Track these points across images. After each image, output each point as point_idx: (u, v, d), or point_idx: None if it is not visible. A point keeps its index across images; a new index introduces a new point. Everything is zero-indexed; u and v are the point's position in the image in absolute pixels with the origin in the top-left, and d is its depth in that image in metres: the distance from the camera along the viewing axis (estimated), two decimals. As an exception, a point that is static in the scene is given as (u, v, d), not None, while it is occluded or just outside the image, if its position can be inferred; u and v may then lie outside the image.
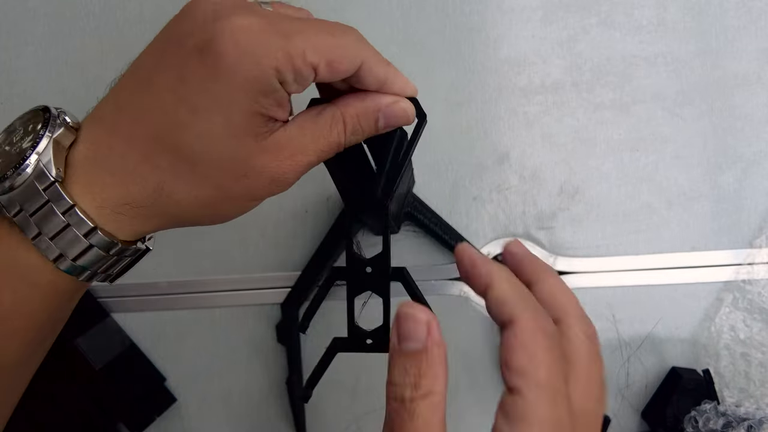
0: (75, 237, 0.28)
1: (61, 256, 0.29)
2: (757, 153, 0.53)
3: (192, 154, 0.28)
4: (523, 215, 0.54)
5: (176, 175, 0.29)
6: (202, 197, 0.29)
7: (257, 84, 0.27)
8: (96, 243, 0.29)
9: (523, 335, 0.26)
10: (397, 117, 0.32)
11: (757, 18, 0.53)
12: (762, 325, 0.52)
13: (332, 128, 0.31)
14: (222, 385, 0.54)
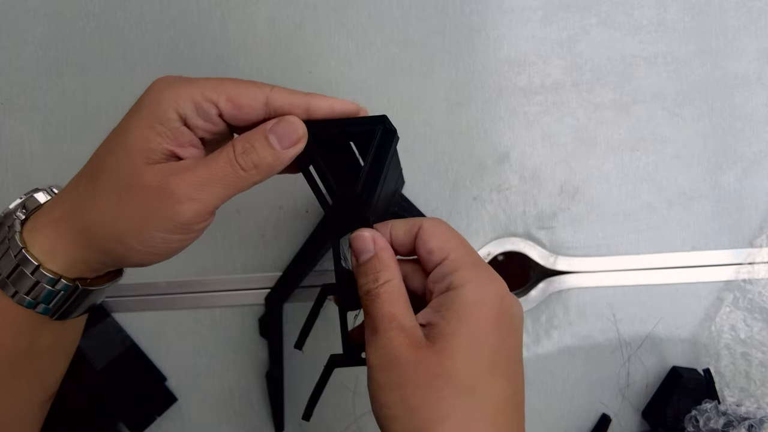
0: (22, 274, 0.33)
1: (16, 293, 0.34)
2: (757, 153, 0.53)
3: (97, 168, 0.33)
4: (524, 215, 0.54)
5: (86, 192, 0.33)
6: (102, 216, 0.33)
7: (155, 113, 0.32)
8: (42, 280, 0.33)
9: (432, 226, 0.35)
10: (285, 132, 0.34)
11: (757, 18, 0.53)
12: (762, 324, 0.52)
13: (221, 153, 0.33)
14: (222, 384, 0.54)
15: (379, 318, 0.32)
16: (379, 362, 0.31)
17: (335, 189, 0.35)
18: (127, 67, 0.54)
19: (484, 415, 0.31)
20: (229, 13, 0.54)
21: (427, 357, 0.31)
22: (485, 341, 0.32)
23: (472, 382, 0.31)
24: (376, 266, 0.34)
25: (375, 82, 0.53)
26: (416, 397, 0.30)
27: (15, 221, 0.35)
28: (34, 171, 0.54)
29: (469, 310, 0.32)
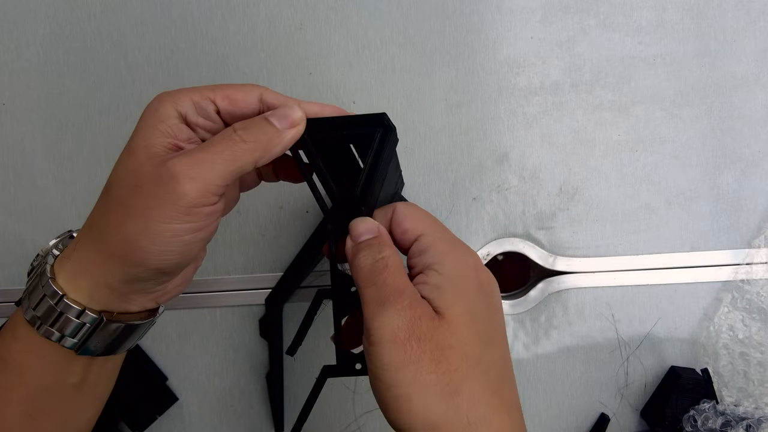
0: (48, 305, 0.33)
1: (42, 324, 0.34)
2: (755, 153, 0.53)
3: (108, 184, 0.34)
4: (523, 215, 0.54)
5: (101, 207, 0.34)
6: (111, 219, 0.32)
7: (156, 114, 0.33)
8: (64, 310, 0.33)
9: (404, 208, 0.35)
10: (284, 114, 0.34)
11: (755, 19, 0.53)
12: (761, 324, 0.52)
13: (220, 133, 0.33)
14: (223, 384, 0.54)
15: (392, 287, 0.31)
16: (392, 337, 0.29)
17: (335, 191, 0.35)
18: (128, 67, 0.54)
19: (490, 385, 0.31)
20: (230, 14, 0.54)
21: (439, 328, 0.30)
22: (477, 313, 0.32)
23: (478, 352, 0.31)
24: (380, 242, 0.33)
25: (375, 83, 0.54)
26: (430, 371, 0.29)
27: (49, 256, 0.35)
28: (36, 172, 0.54)
29: (458, 282, 0.32)
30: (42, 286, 0.34)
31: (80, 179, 0.54)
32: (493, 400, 0.30)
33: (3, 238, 0.54)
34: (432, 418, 0.29)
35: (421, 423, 0.29)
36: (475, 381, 0.30)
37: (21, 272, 0.54)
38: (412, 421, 0.29)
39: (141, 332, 0.37)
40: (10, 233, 0.54)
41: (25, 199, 0.54)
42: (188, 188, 0.31)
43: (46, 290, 0.33)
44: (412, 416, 0.29)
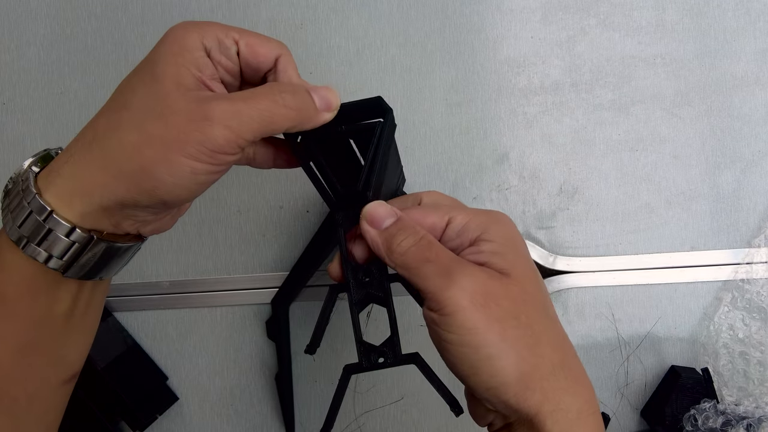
0: (36, 222, 0.31)
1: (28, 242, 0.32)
2: (755, 153, 0.53)
3: (122, 103, 0.32)
4: (523, 215, 0.54)
5: (107, 125, 0.32)
6: (125, 146, 0.31)
7: (182, 44, 0.32)
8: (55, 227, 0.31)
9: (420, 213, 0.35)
10: (325, 95, 0.34)
11: (755, 19, 0.53)
12: (760, 324, 0.52)
13: (261, 87, 0.33)
14: (223, 383, 0.54)
15: (449, 259, 0.32)
16: (470, 301, 0.30)
17: (338, 187, 0.35)
18: (129, 67, 0.53)
19: (560, 333, 0.33)
20: (231, 14, 0.54)
21: (511, 286, 0.32)
22: (533, 271, 0.34)
23: (545, 305, 0.33)
24: (411, 224, 0.34)
25: (375, 83, 0.54)
26: (514, 326, 0.31)
27: (29, 172, 0.33)
28: (36, 171, 0.54)
29: (511, 243, 0.34)
30: (28, 203, 0.31)
31: (81, 179, 0.54)
32: (565, 344, 0.33)
33: (4, 238, 0.54)
34: (525, 369, 0.30)
35: (515, 376, 0.30)
36: (550, 329, 0.32)
37: (21, 272, 0.54)
38: (507, 376, 0.30)
39: (126, 257, 0.36)
40: (11, 233, 0.54)
41: (26, 199, 0.54)
42: (220, 134, 0.30)
43: (33, 206, 0.31)
44: (507, 371, 0.30)
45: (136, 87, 0.32)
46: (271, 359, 0.54)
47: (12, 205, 0.32)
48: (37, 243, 0.32)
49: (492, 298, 0.31)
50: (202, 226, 0.54)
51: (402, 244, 0.33)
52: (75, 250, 0.32)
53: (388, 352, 0.35)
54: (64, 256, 0.32)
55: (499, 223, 0.34)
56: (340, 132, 0.36)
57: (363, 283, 0.36)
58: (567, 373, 0.31)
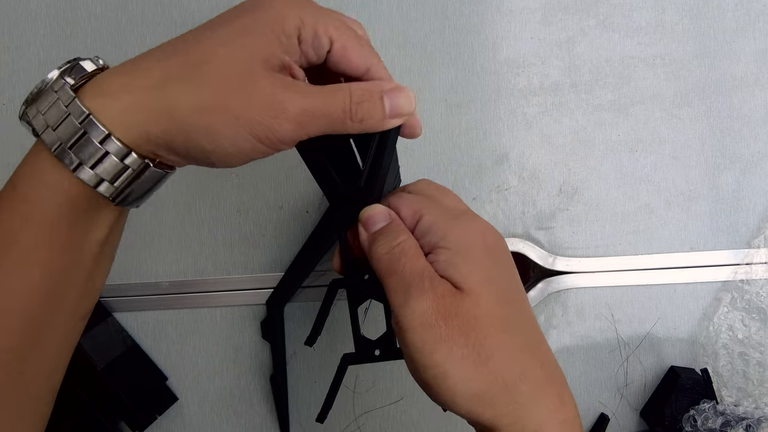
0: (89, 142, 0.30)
1: (80, 164, 0.30)
2: (755, 154, 0.53)
3: (201, 56, 0.31)
4: (523, 215, 0.54)
5: (180, 74, 0.31)
6: (198, 102, 0.30)
7: (280, 23, 0.31)
8: (111, 150, 0.30)
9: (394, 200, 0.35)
10: (399, 103, 0.33)
11: (755, 20, 0.53)
12: (760, 324, 0.52)
13: (337, 92, 0.32)
14: (223, 384, 0.54)
15: (412, 272, 0.32)
16: (422, 321, 0.30)
17: (340, 184, 0.35)
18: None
19: (520, 343, 0.32)
20: (230, 15, 0.54)
21: (463, 302, 0.31)
22: (493, 276, 0.33)
23: (502, 315, 0.32)
24: (393, 228, 0.34)
25: (375, 83, 0.54)
26: (462, 344, 0.30)
27: (65, 85, 0.31)
28: (36, 171, 0.54)
29: (468, 252, 0.32)
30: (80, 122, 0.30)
31: (81, 179, 0.54)
32: (524, 356, 0.32)
33: (3, 238, 0.54)
34: (472, 388, 0.30)
35: (461, 395, 0.30)
36: (505, 343, 0.31)
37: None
38: (454, 395, 0.30)
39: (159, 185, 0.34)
40: (11, 233, 0.54)
41: (26, 199, 0.54)
42: (289, 128, 0.31)
43: (87, 126, 0.30)
44: (453, 391, 0.30)
45: (225, 42, 0.31)
46: (271, 359, 0.54)
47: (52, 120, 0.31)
48: (91, 166, 0.30)
49: (442, 317, 0.31)
50: (202, 227, 0.54)
51: (377, 250, 0.33)
52: (128, 177, 0.31)
53: (383, 346, 0.36)
54: (116, 181, 0.31)
55: (461, 228, 0.33)
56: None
57: (361, 279, 0.36)
58: (527, 386, 0.31)
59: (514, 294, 0.34)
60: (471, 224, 0.34)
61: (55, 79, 0.32)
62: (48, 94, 0.31)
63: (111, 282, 0.54)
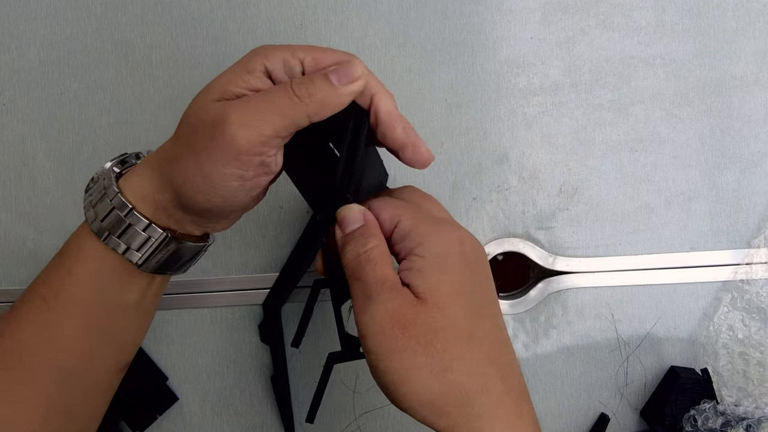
0: (117, 217, 0.35)
1: (109, 235, 0.35)
2: (755, 153, 0.53)
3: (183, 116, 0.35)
4: (523, 215, 0.54)
5: (171, 137, 0.36)
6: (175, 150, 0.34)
7: (244, 64, 0.34)
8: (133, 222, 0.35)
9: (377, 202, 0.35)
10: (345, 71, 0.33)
11: (755, 19, 0.53)
12: (760, 324, 0.52)
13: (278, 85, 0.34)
14: (223, 383, 0.54)
15: (374, 281, 0.32)
16: (378, 328, 0.31)
17: (314, 183, 0.35)
18: (129, 68, 0.54)
19: (485, 356, 0.32)
20: (230, 15, 0.54)
21: (424, 313, 0.31)
22: (465, 287, 0.33)
23: (468, 327, 0.32)
24: (365, 233, 0.34)
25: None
26: (420, 354, 0.31)
27: (111, 173, 0.36)
28: (36, 171, 0.54)
29: (442, 261, 0.32)
30: (110, 199, 0.35)
31: (81, 179, 0.54)
32: (489, 370, 0.32)
33: (4, 238, 0.54)
34: (428, 397, 0.30)
35: (418, 402, 0.31)
36: (467, 355, 0.31)
37: (22, 272, 0.54)
38: (411, 402, 0.31)
39: (195, 256, 0.39)
40: (11, 233, 0.54)
41: (26, 199, 0.54)
42: (239, 134, 0.32)
43: (115, 203, 0.35)
44: (410, 397, 0.31)
45: (191, 103, 0.35)
46: (271, 360, 0.54)
47: (94, 201, 0.36)
48: (118, 236, 0.35)
49: (399, 326, 0.31)
50: (202, 227, 0.54)
51: (346, 255, 0.34)
52: (151, 246, 0.36)
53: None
54: (141, 249, 0.36)
55: (438, 237, 0.33)
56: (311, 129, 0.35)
57: (344, 279, 0.36)
58: (485, 399, 0.31)
59: (483, 307, 0.33)
60: (449, 233, 0.34)
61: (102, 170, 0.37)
62: (98, 186, 0.37)
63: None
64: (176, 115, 0.35)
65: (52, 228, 0.54)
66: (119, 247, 0.35)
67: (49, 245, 0.54)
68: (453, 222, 0.35)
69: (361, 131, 0.35)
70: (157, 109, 0.54)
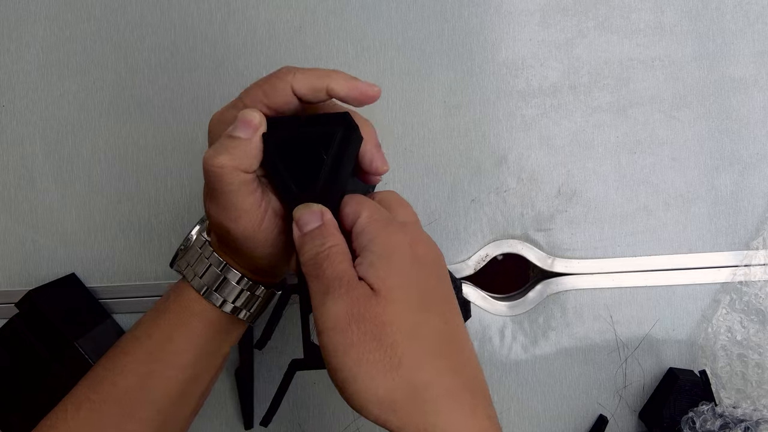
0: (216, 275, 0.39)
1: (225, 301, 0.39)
2: (753, 155, 0.53)
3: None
4: (522, 217, 0.54)
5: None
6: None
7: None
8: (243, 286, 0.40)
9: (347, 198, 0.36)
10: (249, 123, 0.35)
11: (754, 21, 0.53)
12: (759, 326, 0.52)
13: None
14: (222, 384, 0.54)
15: (332, 277, 0.32)
16: (334, 323, 0.31)
17: (294, 191, 0.35)
18: (128, 69, 0.54)
19: (432, 350, 0.32)
20: (230, 17, 0.54)
21: (376, 306, 0.31)
22: (411, 283, 0.33)
23: (414, 322, 0.32)
24: (323, 232, 0.34)
25: (374, 85, 0.54)
26: (372, 349, 0.30)
27: (205, 242, 0.40)
28: (36, 173, 0.54)
29: (391, 256, 0.33)
30: (207, 258, 0.39)
31: (80, 180, 0.54)
32: (437, 363, 0.31)
33: (3, 239, 0.54)
34: (380, 394, 0.30)
35: (369, 400, 0.30)
36: (415, 349, 0.31)
37: (22, 273, 0.54)
38: (362, 400, 0.30)
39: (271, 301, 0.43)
40: (11, 234, 0.54)
41: (26, 201, 0.54)
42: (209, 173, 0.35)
43: (212, 260, 0.39)
44: (362, 395, 0.30)
45: None
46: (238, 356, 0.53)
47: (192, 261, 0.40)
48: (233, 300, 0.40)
49: (355, 321, 0.31)
50: (201, 228, 0.54)
51: (303, 253, 0.34)
52: (260, 303, 0.41)
53: None
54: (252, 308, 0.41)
55: (390, 234, 0.33)
56: (299, 135, 0.35)
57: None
58: (435, 393, 0.30)
59: (432, 302, 0.33)
60: (400, 234, 0.34)
61: (195, 237, 0.42)
62: (194, 249, 0.41)
63: (111, 283, 0.54)
64: (175, 117, 0.35)
65: (51, 229, 0.54)
66: (231, 309, 0.40)
67: (48, 246, 0.54)
68: (412, 225, 0.35)
69: (350, 144, 0.35)
70: (156, 111, 0.54)
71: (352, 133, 0.35)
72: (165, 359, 0.39)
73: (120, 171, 0.54)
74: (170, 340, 0.39)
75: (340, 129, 0.35)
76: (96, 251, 0.54)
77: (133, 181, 0.54)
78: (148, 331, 0.40)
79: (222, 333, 0.41)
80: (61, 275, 0.53)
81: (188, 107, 0.54)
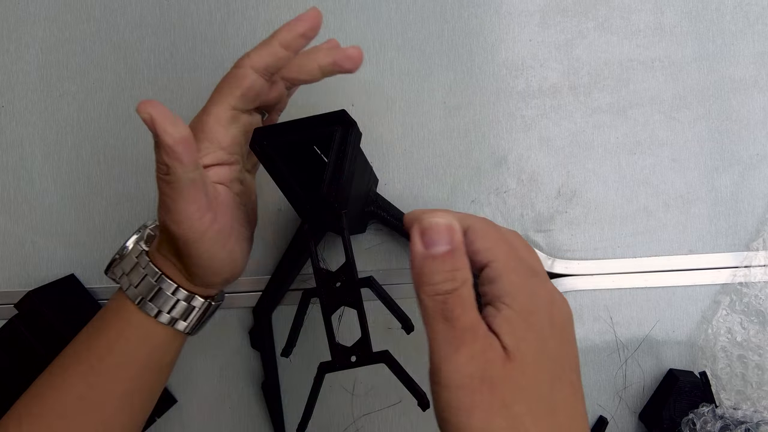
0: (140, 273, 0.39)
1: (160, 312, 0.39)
2: (753, 156, 0.53)
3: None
4: (521, 218, 0.54)
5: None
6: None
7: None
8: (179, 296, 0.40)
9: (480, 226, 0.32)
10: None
11: (754, 22, 0.53)
12: (759, 327, 0.52)
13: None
14: (222, 385, 0.54)
15: (464, 327, 0.29)
16: (462, 382, 0.28)
17: (301, 194, 0.35)
18: (128, 70, 0.54)
19: (558, 426, 0.30)
20: (229, 17, 0.54)
21: (510, 370, 0.29)
22: (549, 349, 0.30)
23: (547, 393, 0.29)
24: (454, 262, 0.30)
25: (373, 86, 0.54)
26: (501, 415, 0.28)
27: (142, 252, 0.40)
28: (35, 174, 0.54)
29: (530, 318, 0.30)
30: (143, 267, 0.39)
31: (79, 181, 0.54)
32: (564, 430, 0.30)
33: (2, 240, 0.54)
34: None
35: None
36: (543, 423, 0.29)
37: (21, 274, 0.54)
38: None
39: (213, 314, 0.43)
40: (10, 235, 0.54)
41: (25, 201, 0.54)
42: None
43: (147, 270, 0.39)
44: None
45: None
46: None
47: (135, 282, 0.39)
48: (168, 311, 0.39)
49: (487, 384, 0.28)
50: (201, 229, 0.54)
51: (433, 283, 0.29)
52: (197, 313, 0.41)
53: (359, 351, 0.35)
54: (188, 318, 0.40)
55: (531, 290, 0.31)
56: (299, 139, 0.35)
57: (333, 288, 0.36)
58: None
59: (565, 372, 0.31)
60: (541, 290, 0.31)
61: (132, 246, 0.41)
62: (129, 258, 0.40)
63: (109, 285, 0.54)
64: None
65: (51, 230, 0.54)
66: (167, 320, 0.39)
67: (48, 247, 0.54)
68: (546, 279, 0.33)
69: (349, 141, 0.35)
70: (155, 112, 0.54)
71: (351, 130, 0.35)
72: (106, 372, 0.38)
73: (119, 172, 0.54)
74: (110, 352, 0.38)
75: (339, 127, 0.35)
76: (95, 252, 0.54)
77: (133, 182, 0.54)
78: (88, 343, 0.39)
79: (162, 345, 0.40)
80: (61, 276, 0.53)
81: (188, 107, 0.54)
